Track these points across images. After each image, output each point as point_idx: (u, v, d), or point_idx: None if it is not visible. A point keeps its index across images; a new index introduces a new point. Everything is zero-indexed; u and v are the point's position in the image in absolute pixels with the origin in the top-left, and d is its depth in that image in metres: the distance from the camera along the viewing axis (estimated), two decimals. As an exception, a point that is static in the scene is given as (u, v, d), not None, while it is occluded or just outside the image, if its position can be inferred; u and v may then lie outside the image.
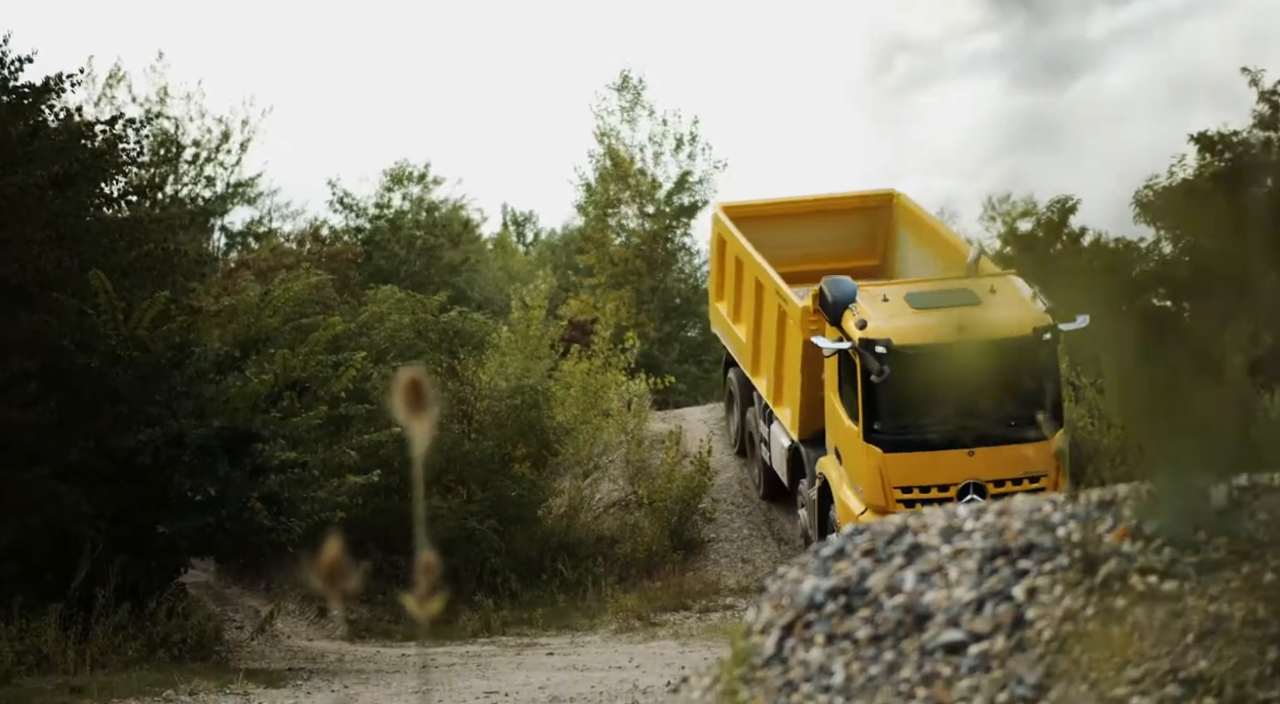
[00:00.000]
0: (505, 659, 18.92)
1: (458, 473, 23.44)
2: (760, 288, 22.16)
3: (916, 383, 18.39)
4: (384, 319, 23.58)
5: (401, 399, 2.95)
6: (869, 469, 19.07)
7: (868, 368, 18.84)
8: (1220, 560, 5.19)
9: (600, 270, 41.55)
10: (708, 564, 24.28)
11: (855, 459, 19.32)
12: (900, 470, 19.00)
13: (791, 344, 20.95)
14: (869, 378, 18.89)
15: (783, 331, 21.30)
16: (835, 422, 19.83)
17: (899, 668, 5.20)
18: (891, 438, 19.04)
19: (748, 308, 22.70)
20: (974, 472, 18.83)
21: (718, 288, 24.58)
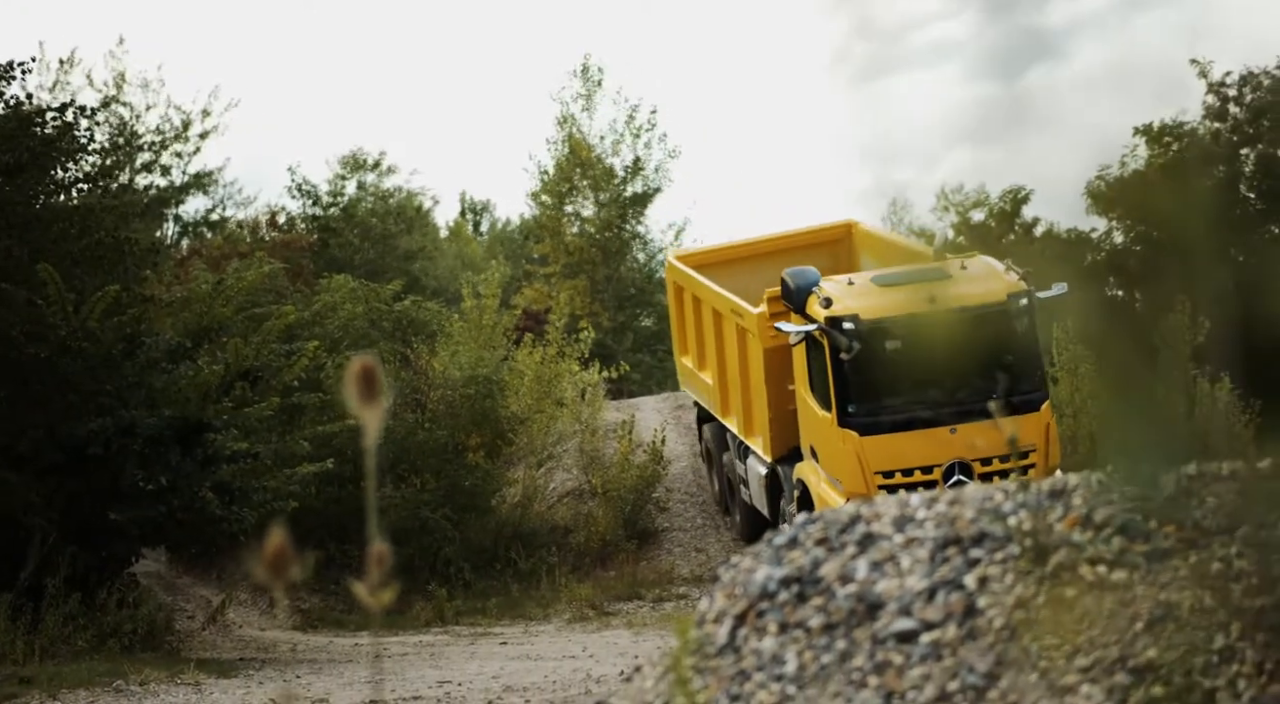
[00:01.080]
0: (458, 649, 18.90)
1: (411, 462, 23.38)
2: (718, 317, 21.38)
3: (888, 359, 17.82)
4: (337, 308, 23.49)
5: (353, 388, 2.94)
6: (846, 456, 18.15)
7: (836, 346, 17.94)
8: (1169, 549, 5.23)
9: (555, 259, 41.51)
10: (661, 553, 24.30)
11: (832, 450, 18.43)
12: (879, 454, 18.02)
13: (754, 360, 20.12)
14: (838, 358, 17.97)
15: (744, 351, 20.49)
16: (808, 418, 18.98)
17: (851, 657, 5.22)
18: (867, 420, 18.09)
19: (710, 346, 21.86)
20: (958, 451, 17.81)
21: (681, 341, 23.64)
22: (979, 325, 17.49)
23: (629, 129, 41.27)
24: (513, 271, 43.89)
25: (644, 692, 5.72)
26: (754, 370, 20.18)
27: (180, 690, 15.38)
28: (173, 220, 41.94)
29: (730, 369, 21.05)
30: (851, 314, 17.96)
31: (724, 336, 21.21)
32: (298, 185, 43.53)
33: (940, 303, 17.38)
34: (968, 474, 17.81)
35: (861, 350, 17.80)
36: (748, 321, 20.03)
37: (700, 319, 22.31)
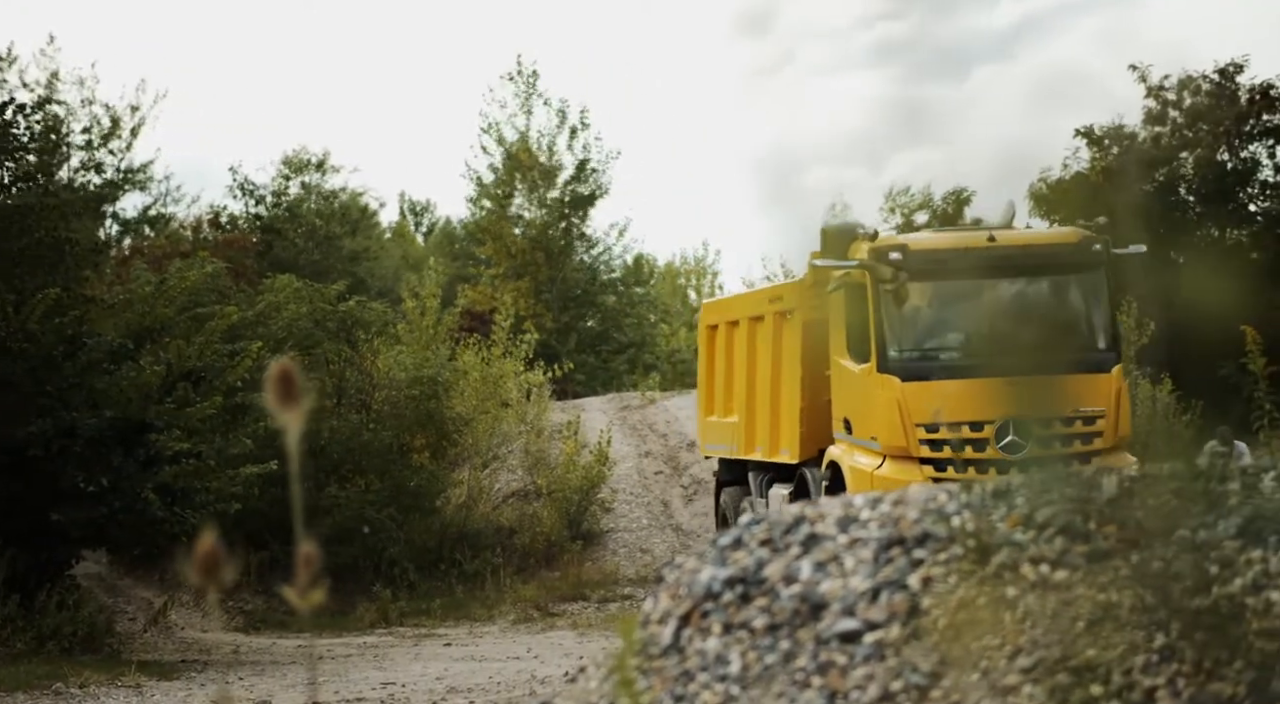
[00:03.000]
0: (402, 650, 18.84)
1: (356, 463, 23.31)
2: (753, 325, 19.35)
3: (937, 296, 16.15)
4: (281, 308, 23.36)
5: (272, 391, 2.91)
6: (885, 407, 15.83)
7: (880, 278, 15.82)
8: (1109, 550, 5.27)
9: (498, 261, 41.46)
10: (606, 554, 24.31)
11: (869, 405, 16.09)
12: (922, 403, 15.66)
13: (791, 343, 17.95)
14: (881, 295, 15.87)
15: (780, 344, 18.33)
16: (843, 386, 16.70)
17: (794, 657, 5.23)
18: (910, 364, 15.88)
19: (740, 372, 19.65)
20: (1014, 407, 15.23)
21: (708, 396, 21.13)
22: (1045, 267, 15.92)
23: (561, 129, 41.24)
24: (456, 272, 43.84)
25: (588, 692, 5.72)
26: (789, 356, 18.00)
27: (120, 693, 15.26)
28: (112, 219, 41.61)
29: (760, 384, 18.88)
30: (899, 244, 16.09)
31: (757, 347, 19.17)
32: (240, 185, 43.29)
33: (1002, 240, 15.98)
34: (1023, 434, 15.44)
35: (907, 285, 15.82)
36: (790, 295, 18.18)
37: (732, 347, 20.19)
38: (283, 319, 23.19)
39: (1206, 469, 5.68)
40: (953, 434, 15.51)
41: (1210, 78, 28.96)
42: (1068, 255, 15.99)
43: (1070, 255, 15.99)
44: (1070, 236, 16.33)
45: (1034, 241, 16.22)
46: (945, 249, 15.99)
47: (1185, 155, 28.42)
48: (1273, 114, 28.43)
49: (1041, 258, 15.93)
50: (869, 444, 16.12)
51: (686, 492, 26.42)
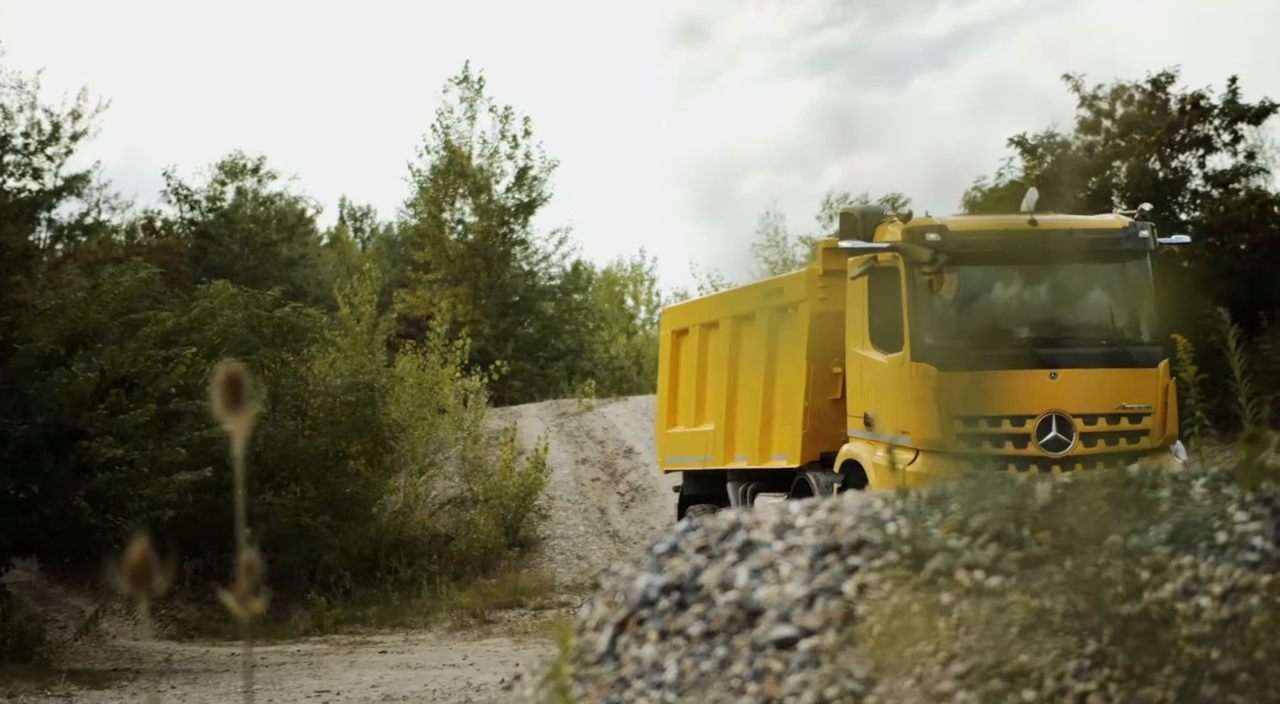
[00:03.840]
0: (337, 658, 18.74)
1: (291, 469, 23.18)
2: (739, 324, 18.24)
3: (977, 281, 15.16)
4: (216, 314, 23.21)
5: (219, 396, 2.89)
6: (919, 398, 14.79)
7: (916, 261, 14.83)
8: (1043, 556, 5.31)
9: (437, 266, 41.36)
10: (543, 561, 24.28)
11: (900, 398, 15.02)
12: (959, 395, 14.71)
13: (796, 338, 16.77)
14: (916, 279, 14.86)
15: (778, 341, 17.25)
16: (865, 379, 15.61)
17: (730, 664, 5.24)
18: (946, 352, 14.81)
19: (720, 378, 18.47)
20: (1057, 401, 14.44)
21: (670, 407, 19.98)
22: (1089, 253, 15.06)
23: (504, 137, 41.21)
24: (395, 277, 43.70)
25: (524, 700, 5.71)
26: (791, 353, 16.89)
27: (51, 702, 15.10)
28: (45, 224, 41.21)
29: (746, 387, 17.82)
30: (936, 225, 14.98)
31: (743, 348, 18.09)
32: (174, 190, 42.98)
33: (1044, 224, 15.08)
34: (1066, 432, 14.55)
35: (945, 269, 14.79)
36: (794, 287, 17.07)
37: (706, 351, 19.06)
38: (218, 325, 23.04)
39: (1138, 476, 5.74)
40: (992, 429, 14.55)
41: (1142, 88, 29.26)
42: (1113, 241, 15.11)
43: (1116, 242, 15.11)
44: (1117, 222, 15.40)
45: (1078, 226, 15.34)
46: (986, 231, 15.11)
47: (1118, 164, 28.68)
48: (1203, 124, 28.74)
49: (1086, 243, 15.04)
50: (898, 439, 14.97)
51: (624, 498, 26.42)
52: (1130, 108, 29.32)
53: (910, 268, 14.89)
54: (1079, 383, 14.41)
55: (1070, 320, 15.07)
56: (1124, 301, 15.26)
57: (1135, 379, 14.68)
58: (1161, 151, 28.48)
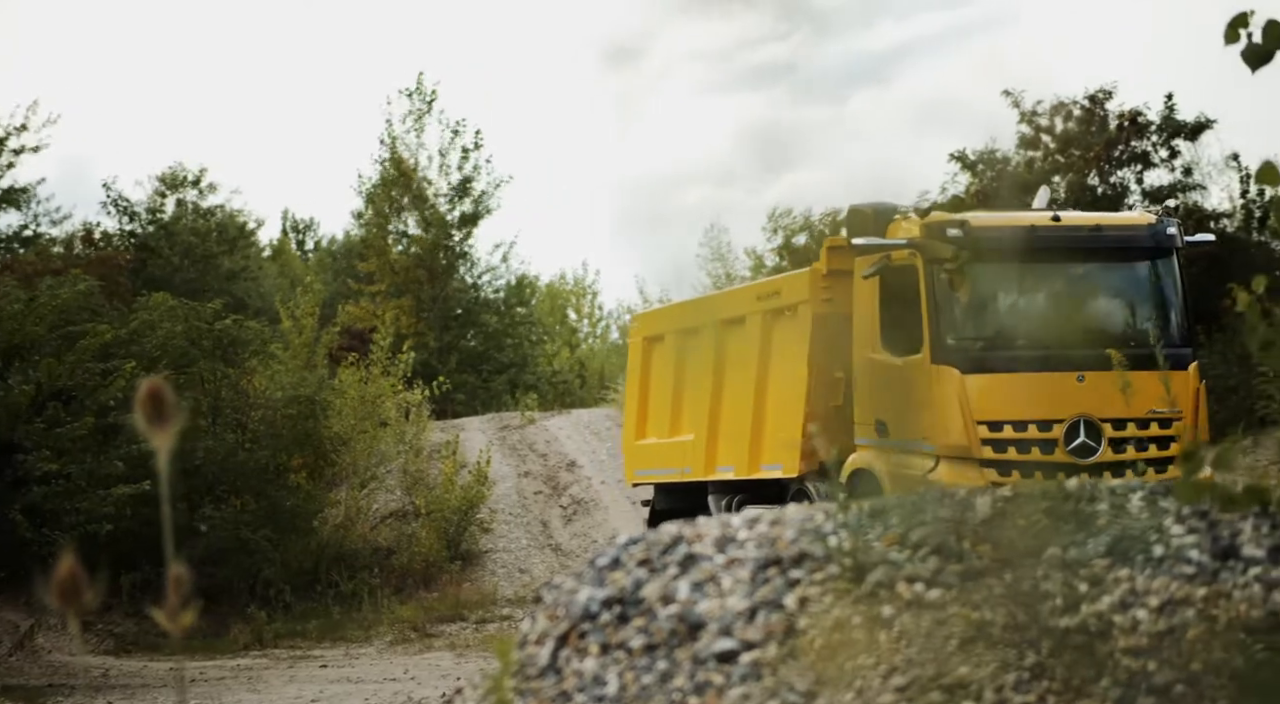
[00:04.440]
0: (277, 672, 18.61)
1: (232, 483, 23.02)
2: (725, 329, 17.42)
3: (1001, 279, 14.56)
4: (156, 327, 23.03)
5: (142, 411, 2.86)
6: (942, 403, 14.10)
7: (936, 258, 14.18)
8: (983, 569, 5.34)
9: (381, 278, 41.23)
10: (485, 575, 24.21)
11: (918, 402, 14.39)
12: (985, 398, 13.95)
13: (796, 342, 15.99)
14: (936, 277, 14.23)
15: (771, 346, 16.53)
16: (877, 379, 14.94)
17: (672, 677, 5.24)
18: (971, 353, 14.15)
19: (703, 385, 17.66)
20: (1085, 405, 13.80)
21: (640, 417, 19.19)
22: (1116, 251, 14.58)
23: (454, 148, 41.14)
24: (336, 289, 43.51)
25: (465, 715, 5.70)
26: (789, 358, 16.13)
27: (-14, 719, 14.95)
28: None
29: (734, 394, 17.08)
30: (957, 221, 14.36)
31: (729, 353, 17.33)
32: (114, 201, 42.64)
33: (1068, 221, 14.57)
34: (1095, 437, 13.93)
35: (968, 266, 14.12)
36: (794, 288, 16.30)
37: (685, 358, 18.30)
38: (157, 338, 22.86)
39: (1076, 490, 5.78)
40: (1018, 434, 13.88)
41: (1081, 104, 29.51)
42: (1141, 239, 14.59)
43: (1144, 239, 14.60)
44: (1143, 219, 15.00)
45: (1104, 223, 14.79)
46: (1010, 227, 14.35)
47: (1057, 179, 28.89)
48: (1140, 140, 29.01)
49: (1113, 241, 14.53)
50: (916, 446, 14.34)
51: (566, 512, 26.39)
52: (1069, 124, 29.56)
53: (929, 266, 14.28)
54: (1107, 386, 13.50)
55: (1097, 321, 14.54)
56: (1152, 301, 14.71)
57: (1164, 382, 13.65)
58: (1100, 167, 28.72)
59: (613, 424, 30.15)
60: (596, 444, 29.05)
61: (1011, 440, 13.87)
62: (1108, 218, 15.44)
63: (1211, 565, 5.28)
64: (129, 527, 19.27)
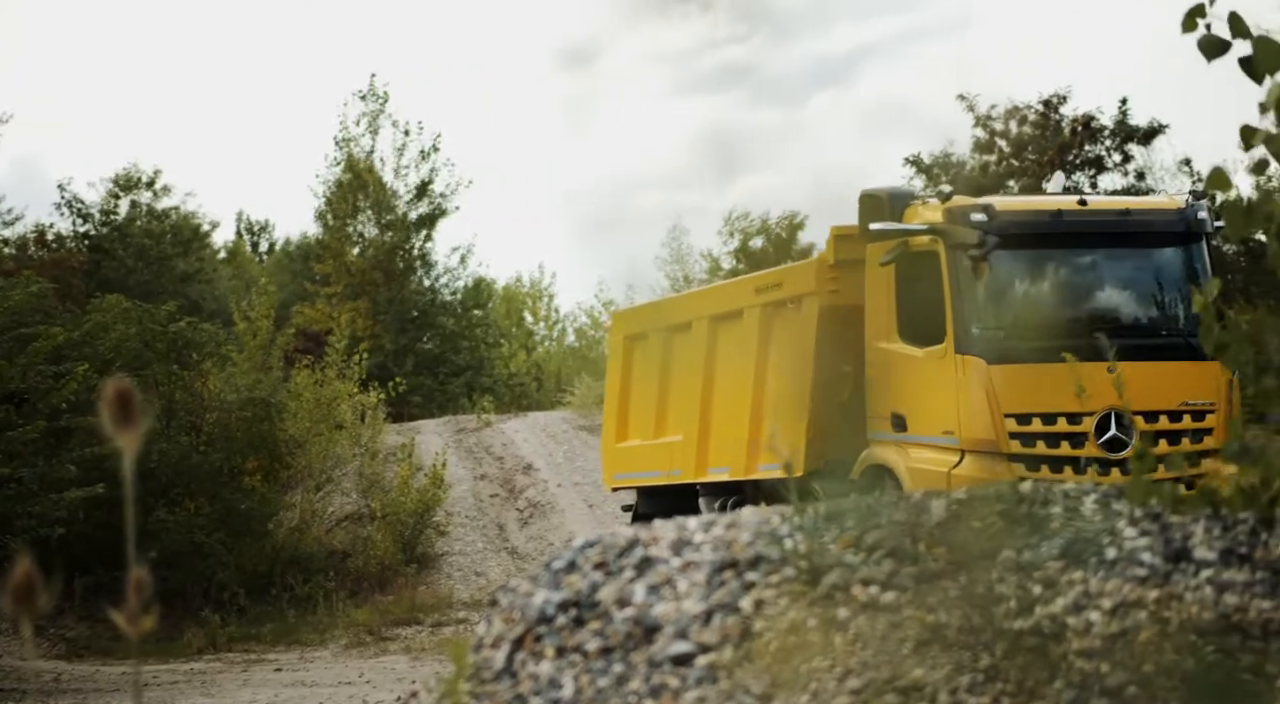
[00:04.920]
0: (231, 676, 18.53)
1: (186, 486, 22.91)
2: (722, 322, 16.77)
3: (1027, 266, 14.00)
4: (109, 329, 22.90)
5: (108, 412, 2.84)
6: (967, 394, 13.54)
7: (959, 245, 13.63)
8: (938, 571, 5.36)
9: (337, 280, 41.12)
10: (441, 578, 24.16)
11: (941, 395, 13.77)
12: (1012, 390, 13.41)
13: (801, 336, 15.29)
14: (959, 264, 13.66)
15: (770, 341, 15.89)
16: (893, 371, 14.36)
17: (628, 680, 5.24)
18: (997, 343, 13.62)
19: (693, 384, 17.00)
20: (1116, 398, 12.64)
21: (620, 416, 18.57)
22: (1145, 236, 14.09)
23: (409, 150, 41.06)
24: (293, 291, 43.36)
25: (420, 718, 5.69)
26: (792, 352, 15.45)
27: (-64, 724, 14.83)
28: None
29: (728, 392, 16.48)
30: (982, 205, 13.80)
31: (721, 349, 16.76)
32: (68, 203, 42.36)
33: (1095, 205, 14.20)
34: (1126, 431, 13.31)
35: (991, 253, 13.56)
36: (798, 279, 15.70)
37: (671, 356, 17.68)
38: (110, 340, 22.74)
39: (1030, 492, 5.82)
40: (1047, 427, 13.39)
41: (1035, 108, 29.69)
42: (1170, 224, 14.08)
43: (1173, 224, 14.09)
44: (1171, 203, 14.47)
45: (1133, 207, 14.40)
46: (1036, 211, 13.94)
47: (1012, 184, 29.08)
48: (1094, 145, 29.22)
49: (1142, 225, 14.05)
50: (938, 440, 13.75)
51: (522, 515, 26.36)
52: (1024, 128, 29.75)
53: (952, 252, 13.69)
54: (1139, 377, 12.68)
55: (1127, 308, 14.04)
56: (1184, 288, 13.97)
57: (1197, 373, 13.43)
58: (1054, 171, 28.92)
59: (569, 427, 30.16)
60: (553, 447, 29.04)
61: (1040, 434, 13.39)
62: (1136, 202, 15.06)
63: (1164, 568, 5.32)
64: (82, 530, 19.16)
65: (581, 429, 29.99)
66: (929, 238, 13.91)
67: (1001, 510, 5.63)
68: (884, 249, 14.24)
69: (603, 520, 24.80)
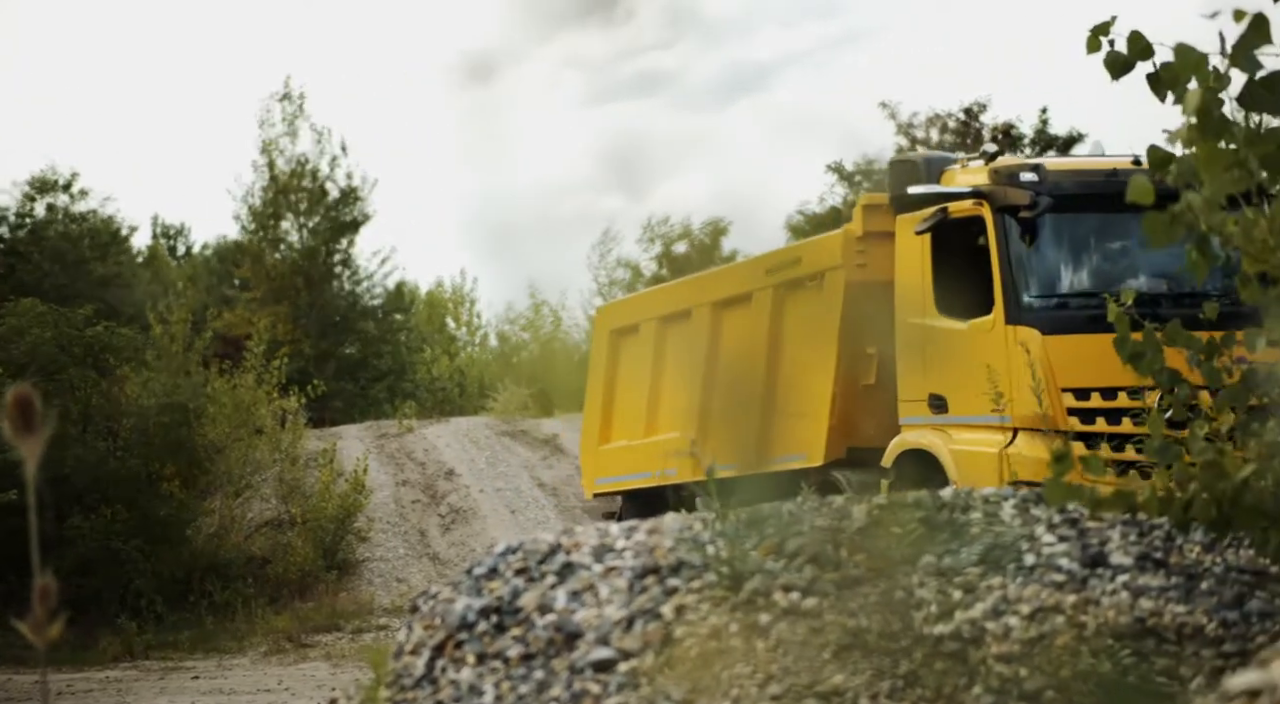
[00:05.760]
0: (148, 684, 18.33)
1: (102, 492, 22.65)
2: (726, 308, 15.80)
3: (1083, 228, 12.97)
4: (24, 333, 22.60)
5: (9, 420, 2.79)
6: (1020, 369, 12.52)
7: (1009, 206, 12.70)
8: (859, 577, 5.38)
9: (257, 284, 40.83)
10: (362, 584, 24.02)
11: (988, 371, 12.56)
12: (1069, 363, 12.47)
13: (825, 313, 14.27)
14: (1008, 228, 12.76)
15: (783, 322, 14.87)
16: (931, 347, 13.32)
17: (549, 687, 5.23)
18: (1052, 312, 12.68)
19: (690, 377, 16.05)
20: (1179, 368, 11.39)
21: (605, 416, 17.61)
22: None
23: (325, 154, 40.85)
24: (219, 295, 43.02)
25: (340, 726, 5.64)
26: (817, 332, 14.37)
27: None
28: None
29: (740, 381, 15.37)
30: (1031, 165, 12.92)
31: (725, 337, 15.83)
32: (-20, 206, 41.77)
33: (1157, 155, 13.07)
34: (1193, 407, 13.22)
35: (1043, 215, 12.64)
36: (821, 253, 14.63)
37: (665, 348, 16.74)
38: (25, 344, 22.44)
39: (950, 499, 5.85)
40: (1108, 402, 12.39)
41: (956, 116, 29.96)
42: None
43: None
44: None
45: None
46: (1089, 171, 12.97)
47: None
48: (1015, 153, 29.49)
49: None
50: (986, 420, 12.71)
51: (444, 520, 26.26)
52: (945, 136, 30.01)
53: (1000, 215, 12.76)
54: None
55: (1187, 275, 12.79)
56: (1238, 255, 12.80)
57: None
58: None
59: (491, 432, 30.08)
60: (475, 452, 28.94)
61: (1100, 410, 12.41)
62: None
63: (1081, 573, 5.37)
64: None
65: (504, 434, 29.92)
66: (972, 202, 12.99)
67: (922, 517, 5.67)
68: (918, 218, 13.28)
69: (525, 526, 24.76)
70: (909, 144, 30.05)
